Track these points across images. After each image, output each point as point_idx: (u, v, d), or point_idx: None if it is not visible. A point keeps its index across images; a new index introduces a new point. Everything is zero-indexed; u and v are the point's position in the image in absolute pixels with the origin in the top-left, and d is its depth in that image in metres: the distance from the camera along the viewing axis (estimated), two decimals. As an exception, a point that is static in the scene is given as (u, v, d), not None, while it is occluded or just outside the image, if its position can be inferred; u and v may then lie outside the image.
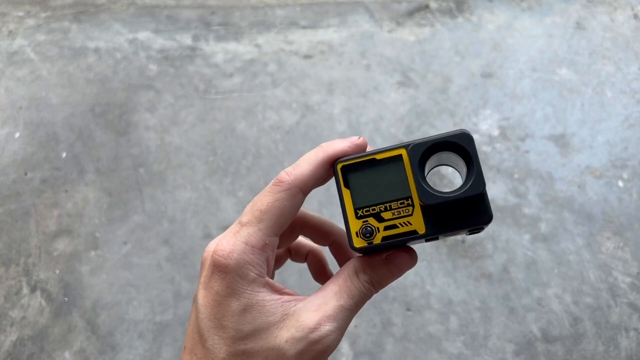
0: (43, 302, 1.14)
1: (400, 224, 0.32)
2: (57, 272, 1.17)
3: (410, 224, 0.32)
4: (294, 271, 1.13)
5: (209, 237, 1.20)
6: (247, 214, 0.33)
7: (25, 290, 1.16)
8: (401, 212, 0.32)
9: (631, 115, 1.34)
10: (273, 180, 0.34)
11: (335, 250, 0.43)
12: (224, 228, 1.21)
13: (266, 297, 0.32)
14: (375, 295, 0.35)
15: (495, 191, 1.23)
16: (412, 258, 0.34)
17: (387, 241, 0.32)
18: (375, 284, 0.34)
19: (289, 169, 0.35)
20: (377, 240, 0.32)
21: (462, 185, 0.31)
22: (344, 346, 1.05)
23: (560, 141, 1.30)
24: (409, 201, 0.32)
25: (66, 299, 1.14)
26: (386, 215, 0.33)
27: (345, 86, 1.42)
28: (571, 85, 1.40)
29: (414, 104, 1.38)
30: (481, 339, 1.06)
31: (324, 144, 0.35)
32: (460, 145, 0.32)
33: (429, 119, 1.35)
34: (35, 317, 1.12)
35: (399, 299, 1.09)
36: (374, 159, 0.34)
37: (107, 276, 1.16)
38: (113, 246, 1.20)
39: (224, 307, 0.31)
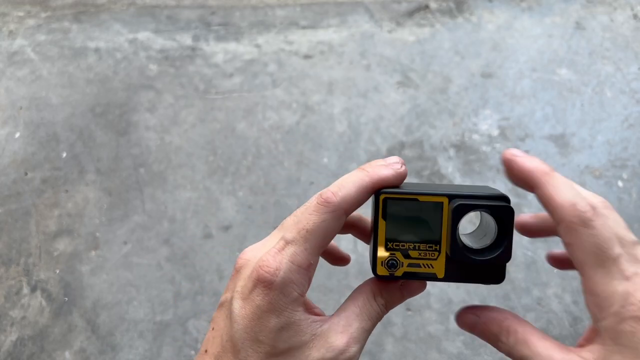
0: (43, 302, 1.14)
1: (423, 264, 0.35)
2: (58, 272, 1.17)
3: (432, 267, 0.34)
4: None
5: (209, 237, 1.20)
6: (292, 231, 0.33)
7: (26, 290, 1.16)
8: (427, 254, 0.34)
9: (631, 115, 1.34)
10: (317, 198, 0.34)
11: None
12: (224, 228, 1.21)
13: (302, 317, 0.33)
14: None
15: (495, 191, 1.23)
16: (423, 285, 0.37)
17: (407, 277, 0.35)
18: (388, 306, 0.36)
19: (334, 189, 0.34)
20: (399, 273, 0.35)
21: (489, 247, 0.33)
22: (344, 346, 1.06)
23: (560, 141, 1.31)
24: (437, 247, 0.34)
25: (66, 298, 1.14)
26: (413, 253, 0.35)
27: (345, 86, 1.42)
28: (571, 85, 1.40)
29: (413, 104, 1.38)
30: (481, 338, 1.06)
31: (367, 168, 0.35)
32: (500, 216, 0.33)
33: (428, 119, 1.35)
34: (35, 317, 1.12)
35: (399, 298, 1.09)
36: (417, 199, 0.35)
37: (107, 276, 1.16)
38: (113, 246, 1.20)
39: (263, 322, 0.32)
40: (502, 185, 1.23)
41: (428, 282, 0.35)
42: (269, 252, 0.33)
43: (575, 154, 1.28)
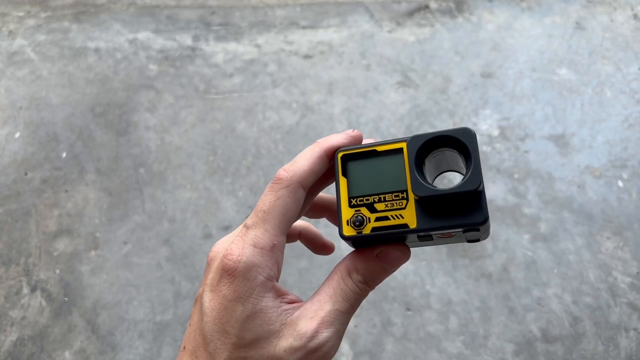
0: (43, 302, 1.14)
1: (392, 216, 0.32)
2: (57, 272, 1.17)
3: (402, 217, 0.32)
4: (294, 271, 1.13)
5: (209, 237, 1.20)
6: (252, 216, 0.33)
7: (26, 290, 1.16)
8: (395, 204, 0.32)
9: (631, 115, 1.34)
10: (273, 179, 0.34)
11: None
12: (224, 228, 1.21)
13: (269, 303, 0.31)
14: (375, 295, 0.35)
15: (495, 191, 1.23)
16: (405, 253, 0.34)
17: (377, 232, 0.32)
18: (369, 282, 0.33)
19: (286, 166, 0.34)
20: (367, 230, 0.32)
21: (460, 183, 0.31)
22: (344, 346, 1.05)
23: (560, 141, 1.31)
24: (404, 194, 0.32)
25: (66, 298, 1.14)
26: (379, 206, 0.32)
27: (345, 86, 1.42)
28: (571, 85, 1.40)
29: (413, 104, 1.38)
30: (481, 338, 1.06)
31: (320, 140, 0.35)
32: (459, 141, 0.31)
33: (428, 119, 1.35)
34: (35, 317, 1.12)
35: (398, 298, 1.09)
36: (375, 150, 0.33)
37: (107, 276, 1.16)
38: (113, 246, 1.20)
39: (229, 312, 0.31)
40: (502, 185, 1.23)
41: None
42: (233, 241, 0.33)
43: (575, 154, 1.28)
